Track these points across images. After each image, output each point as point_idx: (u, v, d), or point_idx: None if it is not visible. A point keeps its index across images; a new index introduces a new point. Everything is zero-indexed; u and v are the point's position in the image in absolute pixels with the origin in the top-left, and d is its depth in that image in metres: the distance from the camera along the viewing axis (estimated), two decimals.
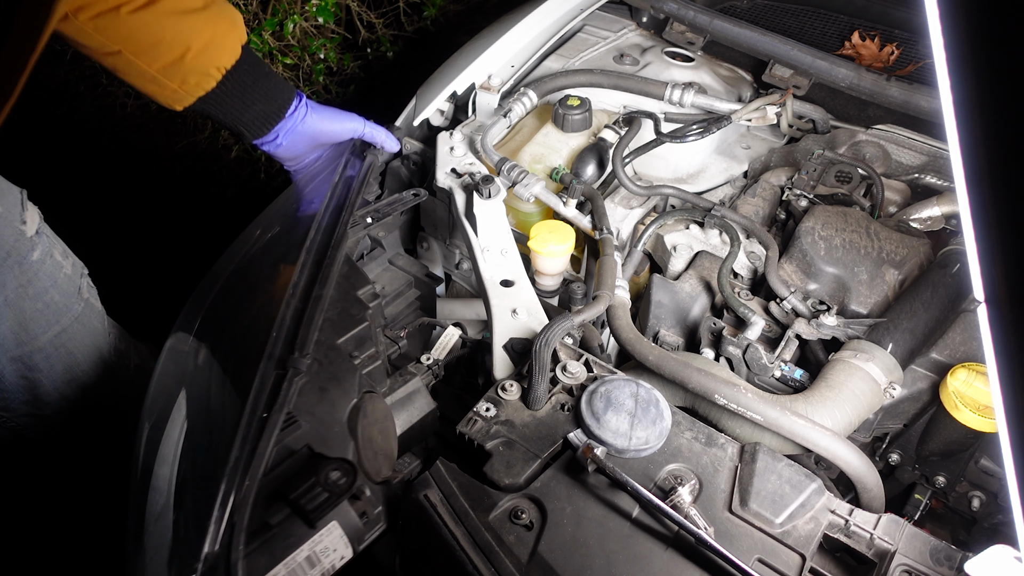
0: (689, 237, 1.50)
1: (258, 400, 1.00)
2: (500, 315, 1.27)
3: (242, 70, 1.35)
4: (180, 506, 1.05)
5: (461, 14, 2.96)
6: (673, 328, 1.39)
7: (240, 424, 0.97)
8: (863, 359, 1.21)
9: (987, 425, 1.17)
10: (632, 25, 1.98)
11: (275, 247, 1.39)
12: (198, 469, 1.07)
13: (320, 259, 1.21)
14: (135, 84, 1.33)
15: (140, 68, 1.28)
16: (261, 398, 1.00)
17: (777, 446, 1.15)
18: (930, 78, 1.80)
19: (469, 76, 1.71)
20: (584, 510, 1.00)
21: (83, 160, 2.80)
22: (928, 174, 1.61)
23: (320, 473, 0.93)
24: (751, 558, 0.97)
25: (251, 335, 1.13)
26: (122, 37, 1.24)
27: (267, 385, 1.02)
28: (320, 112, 1.47)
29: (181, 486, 1.08)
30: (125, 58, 1.26)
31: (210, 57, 1.31)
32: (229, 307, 1.30)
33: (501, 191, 1.43)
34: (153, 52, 1.26)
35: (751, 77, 1.86)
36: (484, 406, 1.11)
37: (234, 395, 1.06)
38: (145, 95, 1.35)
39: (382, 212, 1.41)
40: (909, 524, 1.02)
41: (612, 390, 1.08)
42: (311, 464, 0.96)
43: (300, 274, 1.18)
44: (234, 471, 0.94)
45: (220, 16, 1.31)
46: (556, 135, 1.60)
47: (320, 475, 0.93)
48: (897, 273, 1.36)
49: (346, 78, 2.80)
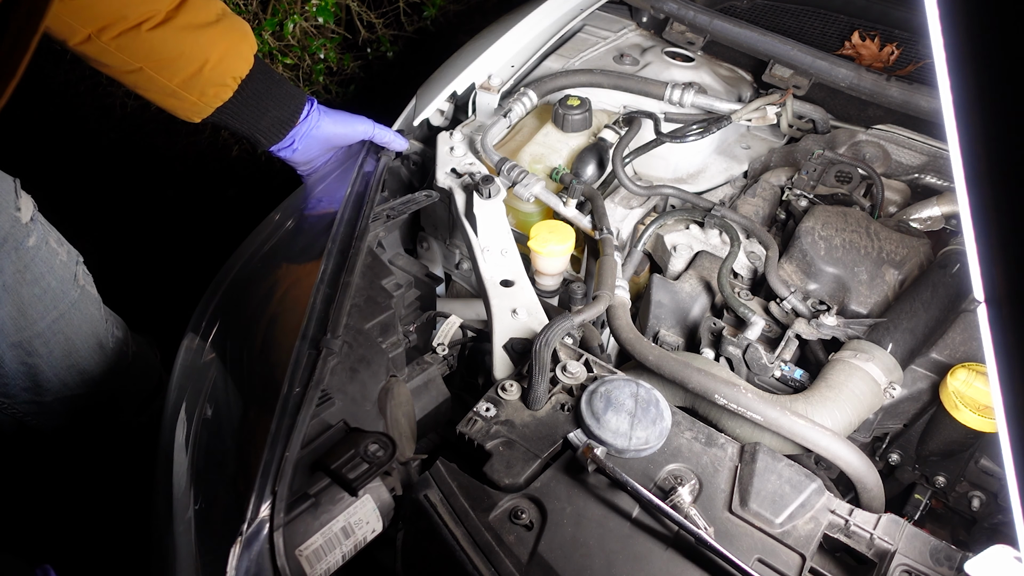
0: (689, 237, 1.50)
1: (294, 377, 1.05)
2: (500, 315, 1.27)
3: (256, 79, 1.39)
4: (211, 481, 1.08)
5: (461, 14, 2.95)
6: (673, 328, 1.39)
7: (278, 399, 1.02)
8: (863, 359, 1.21)
9: (987, 425, 1.17)
10: (632, 25, 1.98)
11: (298, 238, 1.43)
12: (226, 445, 1.10)
13: (345, 248, 1.27)
14: (155, 99, 1.37)
15: (161, 83, 1.33)
16: (297, 375, 1.05)
17: (777, 446, 1.15)
18: (930, 78, 1.80)
19: (469, 76, 1.71)
20: (584, 510, 1.00)
21: (83, 160, 2.80)
22: (928, 174, 1.61)
23: (360, 445, 0.98)
24: (751, 558, 0.97)
25: (281, 318, 1.20)
26: (143, 54, 1.29)
27: (302, 363, 1.07)
28: (332, 116, 1.51)
29: (210, 461, 1.10)
30: (146, 74, 1.32)
31: (226, 68, 1.35)
32: (252, 294, 1.34)
33: (501, 191, 1.43)
34: (173, 67, 1.31)
35: (751, 77, 1.86)
36: (484, 406, 1.11)
37: (267, 374, 1.10)
38: (164, 109, 1.40)
39: (397, 210, 1.44)
40: (909, 524, 1.02)
41: (612, 390, 1.08)
42: (350, 437, 1.01)
43: (327, 262, 1.24)
44: (274, 443, 0.97)
45: (233, 28, 1.36)
46: (556, 135, 1.60)
47: (360, 447, 0.98)
48: (897, 273, 1.36)
49: (346, 78, 2.80)
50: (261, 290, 1.33)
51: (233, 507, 0.96)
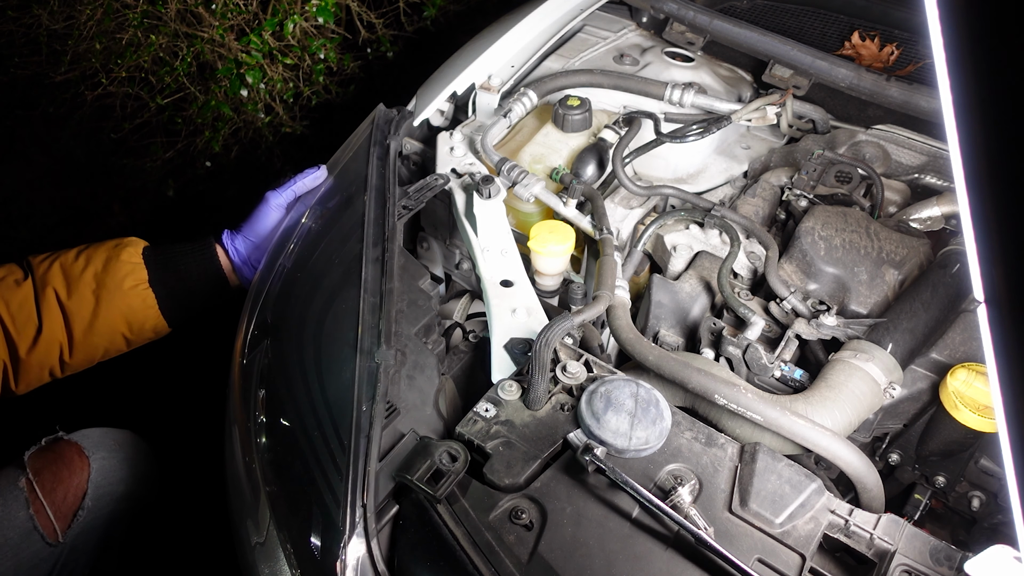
0: (689, 237, 1.50)
1: (361, 392, 1.12)
2: (500, 315, 1.27)
3: (158, 274, 1.50)
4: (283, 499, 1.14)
5: (461, 14, 2.95)
6: (673, 328, 1.39)
7: (352, 416, 1.10)
8: (863, 359, 1.21)
9: (987, 425, 1.17)
10: (632, 25, 1.98)
11: (326, 240, 1.46)
12: (294, 463, 1.15)
13: (379, 252, 1.33)
14: None
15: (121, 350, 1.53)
16: (363, 390, 1.12)
17: (777, 446, 1.15)
18: (930, 78, 1.80)
19: (469, 76, 1.71)
20: (584, 510, 1.00)
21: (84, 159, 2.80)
22: (928, 174, 1.61)
23: (434, 455, 1.04)
24: (751, 558, 0.97)
25: (332, 330, 1.26)
26: (91, 354, 1.49)
27: (364, 378, 1.14)
28: (247, 226, 1.60)
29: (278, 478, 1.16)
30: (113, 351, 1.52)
31: (133, 306, 1.47)
32: (294, 304, 1.37)
33: (501, 191, 1.43)
34: (120, 342, 1.51)
35: (751, 77, 1.86)
36: (484, 406, 1.11)
37: (331, 390, 1.18)
38: None
39: (414, 199, 1.45)
40: (909, 524, 1.02)
41: (612, 390, 1.08)
42: (422, 447, 1.07)
43: (366, 269, 1.30)
44: (355, 458, 1.05)
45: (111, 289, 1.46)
46: (556, 135, 1.60)
47: (435, 456, 1.04)
48: (897, 273, 1.36)
49: (346, 78, 2.80)
50: (302, 300, 1.36)
51: (318, 523, 1.05)
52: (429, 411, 1.14)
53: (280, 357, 1.28)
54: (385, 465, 1.06)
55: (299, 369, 1.23)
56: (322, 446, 1.11)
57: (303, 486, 1.11)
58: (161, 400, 2.23)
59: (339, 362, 1.19)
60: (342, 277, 1.32)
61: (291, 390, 1.22)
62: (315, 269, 1.39)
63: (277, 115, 2.62)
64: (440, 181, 1.49)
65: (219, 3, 2.38)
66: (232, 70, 2.46)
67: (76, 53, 2.45)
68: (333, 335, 1.25)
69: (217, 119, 2.58)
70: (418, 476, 1.02)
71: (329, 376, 1.19)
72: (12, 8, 2.40)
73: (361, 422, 1.09)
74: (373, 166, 1.51)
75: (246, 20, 2.44)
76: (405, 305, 1.26)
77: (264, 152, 2.72)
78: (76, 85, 2.54)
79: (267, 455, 1.18)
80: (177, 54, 2.43)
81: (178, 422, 2.10)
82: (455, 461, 1.03)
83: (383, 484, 1.05)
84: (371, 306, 1.24)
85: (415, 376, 1.18)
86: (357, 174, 1.52)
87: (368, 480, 1.03)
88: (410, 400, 1.15)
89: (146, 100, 2.53)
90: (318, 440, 1.12)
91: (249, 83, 2.46)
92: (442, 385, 1.20)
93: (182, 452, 1.93)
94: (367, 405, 1.10)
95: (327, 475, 1.07)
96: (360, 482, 1.03)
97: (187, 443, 1.92)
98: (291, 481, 1.13)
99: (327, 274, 1.36)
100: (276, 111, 2.61)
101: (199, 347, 2.08)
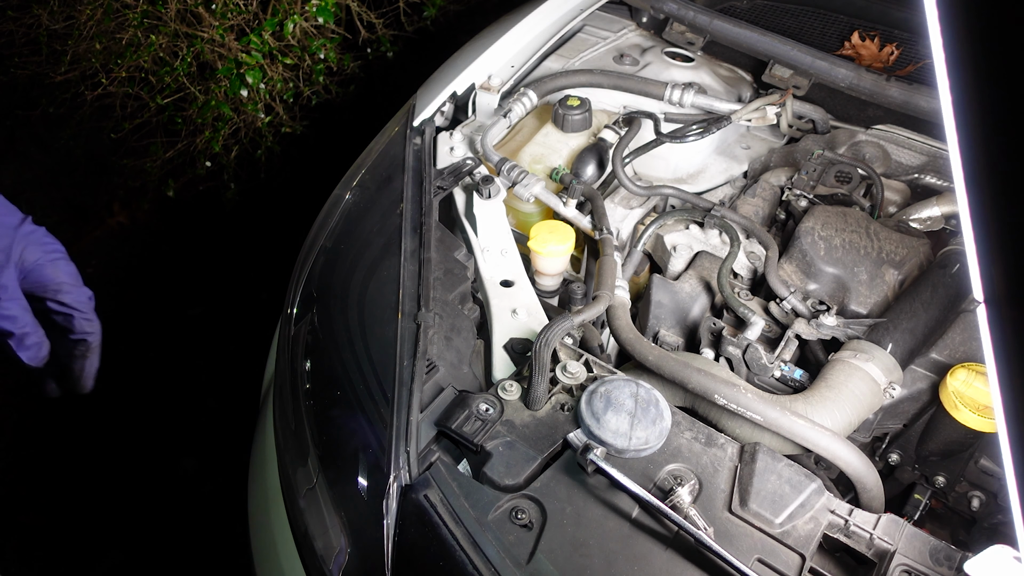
0: (689, 237, 1.50)
1: (403, 350, 1.20)
2: (500, 315, 1.27)
3: None
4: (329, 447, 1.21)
5: (461, 14, 2.96)
6: (673, 328, 1.39)
7: (396, 371, 1.17)
8: (863, 359, 1.21)
9: (987, 425, 1.17)
10: (632, 25, 1.98)
11: (367, 216, 1.51)
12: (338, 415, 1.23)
13: (417, 226, 1.40)
14: None
15: None
16: (405, 348, 1.20)
17: (777, 446, 1.15)
18: (930, 78, 1.80)
19: (469, 76, 1.71)
20: (584, 510, 1.00)
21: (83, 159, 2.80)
22: (928, 174, 1.61)
23: (472, 405, 1.11)
24: (751, 558, 0.97)
25: (375, 295, 1.33)
26: None
27: (407, 337, 1.21)
28: None
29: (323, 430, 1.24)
30: None
31: None
32: (338, 274, 1.44)
33: (501, 191, 1.43)
34: None
35: (751, 77, 1.86)
36: (484, 406, 1.11)
37: (376, 348, 1.25)
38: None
39: (448, 181, 1.50)
40: (909, 524, 1.02)
41: (612, 390, 1.08)
42: (461, 399, 1.13)
43: (405, 240, 1.38)
44: (399, 409, 1.12)
45: None
46: (556, 135, 1.60)
47: (472, 407, 1.10)
48: (897, 273, 1.36)
49: (346, 78, 2.80)
50: (345, 269, 1.43)
51: (365, 468, 1.13)
52: (466, 369, 1.21)
53: (327, 320, 1.35)
54: (426, 415, 1.12)
55: (344, 331, 1.30)
56: (367, 400, 1.18)
57: (350, 436, 1.17)
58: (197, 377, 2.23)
59: (382, 323, 1.27)
60: (383, 248, 1.40)
61: (338, 351, 1.29)
62: (358, 242, 1.46)
63: (277, 115, 2.62)
64: (471, 163, 1.51)
65: (219, 3, 2.38)
66: (232, 70, 2.47)
67: (76, 53, 2.46)
68: (376, 299, 1.33)
69: (217, 119, 2.58)
70: (456, 425, 1.08)
71: (373, 336, 1.27)
72: (12, 8, 2.41)
73: (404, 376, 1.16)
74: (410, 150, 1.56)
75: (246, 20, 2.44)
76: (442, 273, 1.33)
77: (264, 152, 2.73)
78: (76, 85, 2.54)
79: (315, 409, 1.26)
80: (177, 54, 2.43)
81: None
82: (491, 411, 1.10)
83: (424, 432, 1.11)
84: (411, 273, 1.32)
85: (452, 337, 1.24)
86: (395, 157, 1.57)
87: (411, 429, 1.10)
88: (448, 359, 1.21)
89: (146, 100, 2.53)
90: (364, 394, 1.19)
91: (249, 83, 2.46)
92: (477, 347, 1.26)
93: None
94: (408, 361, 1.18)
95: (373, 425, 1.14)
96: (403, 430, 1.10)
97: None
98: (339, 431, 1.20)
99: (369, 245, 1.43)
100: (276, 111, 2.61)
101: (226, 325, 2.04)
